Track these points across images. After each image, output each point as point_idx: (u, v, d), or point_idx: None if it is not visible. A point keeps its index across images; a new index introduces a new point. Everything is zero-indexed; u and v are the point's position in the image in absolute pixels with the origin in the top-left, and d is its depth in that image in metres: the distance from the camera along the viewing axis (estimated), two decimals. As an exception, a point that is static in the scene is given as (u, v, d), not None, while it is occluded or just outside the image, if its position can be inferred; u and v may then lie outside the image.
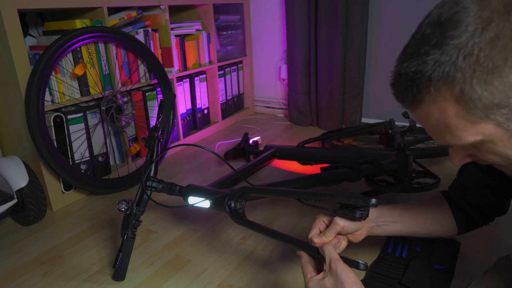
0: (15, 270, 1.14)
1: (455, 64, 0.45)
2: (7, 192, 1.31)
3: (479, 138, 0.49)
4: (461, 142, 0.50)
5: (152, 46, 1.83)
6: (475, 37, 0.44)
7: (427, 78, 0.47)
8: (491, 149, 0.50)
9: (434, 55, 0.46)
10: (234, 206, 0.94)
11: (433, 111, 0.49)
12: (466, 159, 0.56)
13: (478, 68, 0.44)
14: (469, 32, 0.44)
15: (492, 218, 0.91)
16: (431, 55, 0.46)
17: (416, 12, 2.00)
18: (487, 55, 0.43)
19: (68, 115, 1.47)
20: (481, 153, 0.53)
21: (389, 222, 0.88)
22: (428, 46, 0.47)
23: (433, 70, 0.46)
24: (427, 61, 0.47)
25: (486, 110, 0.46)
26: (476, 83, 0.44)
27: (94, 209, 1.48)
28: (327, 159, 1.52)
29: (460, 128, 0.49)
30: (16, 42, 1.29)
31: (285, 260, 1.12)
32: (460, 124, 0.48)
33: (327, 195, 0.78)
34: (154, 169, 1.12)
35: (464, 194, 0.89)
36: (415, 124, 1.77)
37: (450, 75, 0.45)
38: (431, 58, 0.46)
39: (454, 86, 0.46)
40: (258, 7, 2.51)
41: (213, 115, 2.39)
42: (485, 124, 0.47)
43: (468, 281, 0.96)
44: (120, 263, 1.05)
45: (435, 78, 0.46)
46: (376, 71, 2.22)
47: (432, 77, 0.47)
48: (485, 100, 0.45)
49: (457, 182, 0.92)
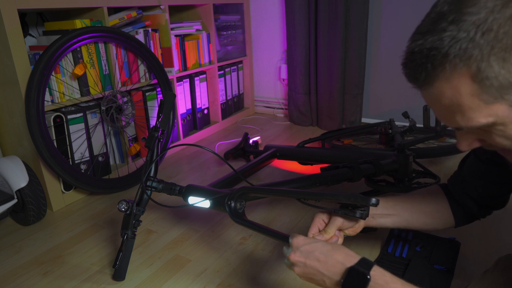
0: (15, 270, 1.14)
1: (473, 41, 0.44)
2: (7, 192, 1.31)
3: (491, 119, 0.48)
4: (472, 124, 0.49)
5: (152, 46, 1.83)
6: (495, 13, 0.43)
7: (443, 55, 0.46)
8: (502, 132, 0.49)
9: (451, 32, 0.45)
10: (234, 206, 0.94)
11: (446, 90, 0.48)
12: (475, 143, 0.55)
13: (496, 45, 0.43)
14: (488, 8, 0.43)
15: (490, 211, 0.91)
16: (447, 31, 0.45)
17: (416, 12, 2.00)
18: (507, 31, 0.43)
19: (68, 115, 1.47)
20: (491, 136, 0.51)
21: (384, 215, 0.88)
22: (445, 22, 0.46)
23: (449, 46, 0.45)
24: (444, 37, 0.46)
25: (502, 89, 0.45)
26: (494, 60, 0.44)
27: (94, 209, 1.48)
28: (327, 159, 1.52)
29: (473, 108, 0.48)
30: (16, 42, 1.29)
31: (285, 260, 1.12)
32: (474, 103, 0.47)
33: (327, 195, 0.78)
34: (154, 169, 1.12)
35: (464, 187, 0.88)
36: (415, 124, 1.77)
37: (467, 51, 0.44)
38: (447, 34, 0.45)
39: (471, 63, 0.45)
40: (258, 7, 2.51)
41: (213, 115, 2.39)
42: (499, 105, 0.46)
43: (468, 281, 0.96)
44: (120, 263, 1.05)
45: (452, 54, 0.45)
46: (376, 71, 2.22)
47: (448, 53, 0.46)
48: (502, 78, 0.44)
49: (457, 174, 0.91)
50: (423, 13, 0.51)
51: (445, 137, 1.94)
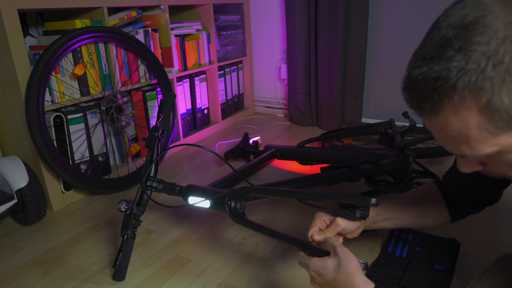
0: (15, 270, 1.14)
1: (484, 73, 0.42)
2: (7, 192, 1.31)
3: (497, 149, 0.47)
4: (478, 153, 0.48)
5: (152, 46, 1.83)
6: (506, 45, 0.41)
7: (450, 86, 0.44)
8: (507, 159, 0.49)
9: (459, 62, 0.43)
10: (234, 206, 0.94)
11: (453, 121, 0.47)
12: (477, 167, 0.55)
13: (508, 78, 0.42)
14: (499, 38, 0.42)
15: (483, 206, 0.91)
16: (455, 61, 0.43)
17: (416, 12, 2.00)
18: None
19: (68, 115, 1.47)
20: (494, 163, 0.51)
21: (385, 219, 0.90)
22: (452, 51, 0.44)
23: (457, 78, 0.43)
24: (451, 68, 0.44)
25: (510, 121, 0.44)
26: (505, 93, 0.42)
27: (94, 209, 1.48)
28: (327, 159, 1.52)
29: (479, 139, 0.47)
30: (16, 42, 1.29)
31: (285, 260, 1.12)
32: (481, 135, 0.46)
33: (327, 195, 0.78)
34: (154, 169, 1.12)
35: (456, 183, 0.89)
36: (415, 124, 1.77)
37: (477, 84, 0.43)
38: (455, 65, 0.43)
39: (480, 95, 0.43)
40: (258, 7, 2.51)
41: (213, 115, 2.39)
42: (506, 136, 0.46)
43: (468, 281, 0.96)
44: (120, 263, 1.05)
45: (460, 86, 0.43)
46: (376, 71, 2.22)
47: (456, 85, 0.44)
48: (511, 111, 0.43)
49: (452, 171, 0.92)
50: (423, 13, 0.51)
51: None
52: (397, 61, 2.14)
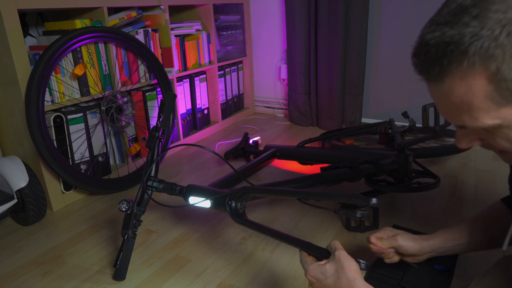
0: (15, 270, 1.14)
1: (497, 40, 0.42)
2: (7, 192, 1.31)
3: (498, 122, 0.47)
4: (478, 124, 0.48)
5: (152, 46, 1.83)
6: None
7: (461, 51, 0.44)
8: (506, 134, 0.49)
9: (474, 28, 0.43)
10: (234, 206, 0.94)
11: (458, 87, 0.47)
12: (474, 142, 0.54)
13: None
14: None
15: None
16: (470, 27, 0.43)
17: (416, 12, 2.00)
18: None
19: (68, 115, 1.47)
20: (493, 138, 0.51)
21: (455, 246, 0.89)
22: (468, 17, 0.44)
23: (469, 43, 0.43)
24: (465, 33, 0.43)
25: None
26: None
27: (94, 209, 1.48)
28: (327, 159, 1.52)
29: (482, 109, 0.46)
30: (16, 42, 1.29)
31: (285, 260, 1.12)
32: (485, 104, 0.46)
33: (328, 195, 0.78)
34: (154, 169, 1.12)
35: None
36: (415, 124, 1.77)
37: (489, 51, 0.43)
38: (469, 30, 0.43)
39: (490, 63, 0.43)
40: (258, 7, 2.51)
41: (213, 115, 2.39)
42: (509, 109, 0.46)
43: (468, 281, 0.96)
44: (120, 263, 1.05)
45: (471, 51, 0.43)
46: (376, 71, 2.22)
47: (468, 50, 0.44)
48: None
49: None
50: (423, 13, 0.51)
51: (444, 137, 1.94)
52: (397, 61, 2.14)
